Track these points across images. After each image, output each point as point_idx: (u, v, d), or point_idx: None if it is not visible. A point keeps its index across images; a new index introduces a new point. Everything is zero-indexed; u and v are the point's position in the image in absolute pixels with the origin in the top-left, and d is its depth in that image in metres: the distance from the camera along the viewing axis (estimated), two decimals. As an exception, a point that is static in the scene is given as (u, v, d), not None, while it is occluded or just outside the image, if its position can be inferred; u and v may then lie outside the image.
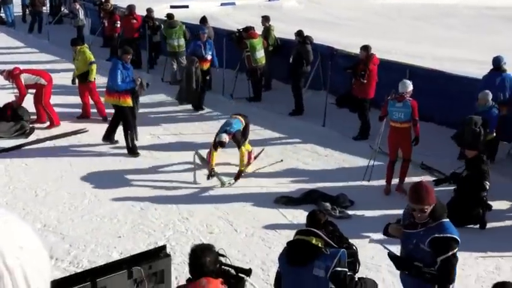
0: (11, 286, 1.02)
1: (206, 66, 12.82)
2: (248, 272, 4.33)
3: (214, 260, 3.94)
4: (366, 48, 11.04)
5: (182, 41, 14.51)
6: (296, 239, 4.56)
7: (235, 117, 9.63)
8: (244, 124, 9.52)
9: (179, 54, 14.58)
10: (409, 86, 8.84)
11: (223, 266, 4.17)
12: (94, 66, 11.69)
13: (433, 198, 4.52)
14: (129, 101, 10.07)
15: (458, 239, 4.53)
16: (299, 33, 12.71)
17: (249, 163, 9.59)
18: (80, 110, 12.11)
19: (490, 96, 9.07)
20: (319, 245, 4.38)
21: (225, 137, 9.06)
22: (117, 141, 10.52)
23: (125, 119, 10.18)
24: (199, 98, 12.76)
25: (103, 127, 11.50)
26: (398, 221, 4.95)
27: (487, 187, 7.74)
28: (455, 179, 8.05)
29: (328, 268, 4.27)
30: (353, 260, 4.66)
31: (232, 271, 4.24)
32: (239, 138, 9.22)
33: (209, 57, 12.77)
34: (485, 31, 20.02)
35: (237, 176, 9.18)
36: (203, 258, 3.83)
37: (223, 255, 4.17)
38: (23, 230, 1.08)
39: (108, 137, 10.51)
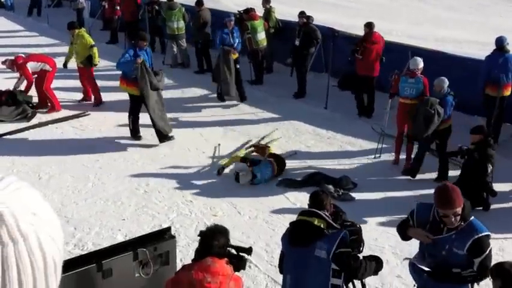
0: (25, 252, 1.01)
1: (235, 55, 12.04)
2: (249, 250, 4.33)
3: (224, 244, 3.96)
4: (367, 25, 11.19)
5: (182, 24, 14.41)
6: (298, 220, 4.57)
7: (271, 163, 8.80)
8: (276, 171, 8.82)
9: (179, 37, 14.50)
10: (420, 63, 9.05)
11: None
12: (95, 49, 11.55)
13: (462, 198, 4.25)
14: (134, 90, 9.74)
15: (490, 233, 4.38)
16: (302, 14, 12.62)
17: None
18: (81, 94, 12.08)
19: (446, 83, 8.73)
20: (321, 226, 4.39)
21: (247, 180, 8.55)
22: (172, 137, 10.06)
23: (131, 105, 10.08)
24: (241, 89, 12.12)
25: (104, 111, 11.51)
26: (406, 222, 4.69)
27: (489, 170, 7.72)
28: (464, 154, 8.01)
29: (329, 249, 4.27)
30: (357, 238, 4.64)
31: (233, 251, 4.25)
32: None
33: (235, 45, 12.00)
34: (488, 12, 19.89)
35: None
36: (212, 240, 3.85)
37: None
38: (35, 197, 1.07)
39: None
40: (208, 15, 14.12)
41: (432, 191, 8.22)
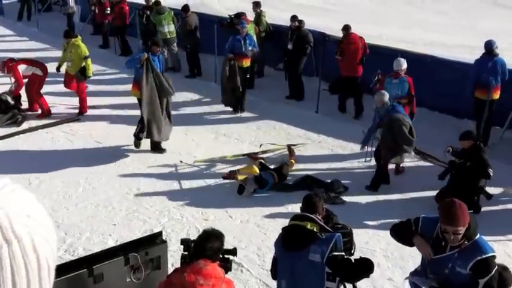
0: (19, 253, 1.01)
1: (246, 63, 11.63)
2: (233, 252, 4.32)
3: (218, 248, 3.94)
4: (344, 28, 11.64)
5: (172, 27, 14.39)
6: (291, 225, 4.57)
7: (273, 179, 8.70)
8: (276, 181, 8.70)
9: (170, 41, 14.46)
10: (403, 64, 9.34)
11: None
12: (89, 61, 11.22)
13: (467, 218, 4.07)
14: (138, 93, 9.46)
15: (496, 254, 4.18)
16: (295, 18, 12.64)
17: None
18: (71, 98, 11.92)
19: (387, 96, 8.57)
20: (314, 230, 4.39)
21: (252, 189, 8.45)
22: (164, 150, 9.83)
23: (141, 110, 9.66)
24: (239, 98, 11.65)
25: (95, 115, 11.48)
26: (409, 227, 4.45)
27: (491, 174, 7.75)
28: (455, 169, 8.05)
29: (323, 253, 4.28)
30: (348, 240, 4.65)
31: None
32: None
33: (250, 53, 11.55)
34: (476, 16, 20.02)
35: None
36: (207, 243, 3.85)
37: None
38: (29, 200, 1.08)
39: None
40: (196, 21, 14.13)
41: (421, 194, 8.31)
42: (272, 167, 9.04)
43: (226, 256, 4.21)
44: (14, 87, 11.24)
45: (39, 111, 11.40)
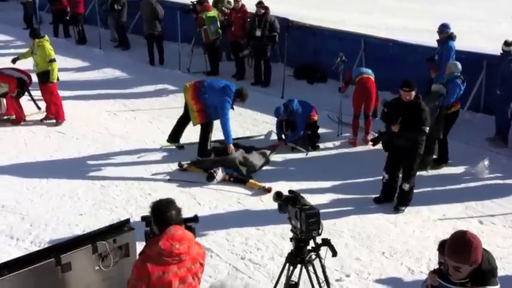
0: None
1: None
2: (195, 219, 4.32)
3: (178, 211, 3.92)
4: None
5: None
6: None
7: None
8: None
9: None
10: None
11: None
12: (55, 65, 10.26)
13: (476, 258, 3.37)
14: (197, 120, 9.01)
15: None
16: (261, 4, 12.50)
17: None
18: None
19: (457, 67, 8.58)
20: None
21: (220, 176, 8.39)
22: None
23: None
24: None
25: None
26: None
27: (426, 131, 7.16)
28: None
29: None
30: (315, 221, 4.65)
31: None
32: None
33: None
34: (436, 1, 20.35)
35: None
36: (168, 212, 3.83)
37: None
38: None
39: (174, 138, 9.49)
40: (161, 10, 13.98)
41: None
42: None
43: (188, 224, 4.20)
44: None
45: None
